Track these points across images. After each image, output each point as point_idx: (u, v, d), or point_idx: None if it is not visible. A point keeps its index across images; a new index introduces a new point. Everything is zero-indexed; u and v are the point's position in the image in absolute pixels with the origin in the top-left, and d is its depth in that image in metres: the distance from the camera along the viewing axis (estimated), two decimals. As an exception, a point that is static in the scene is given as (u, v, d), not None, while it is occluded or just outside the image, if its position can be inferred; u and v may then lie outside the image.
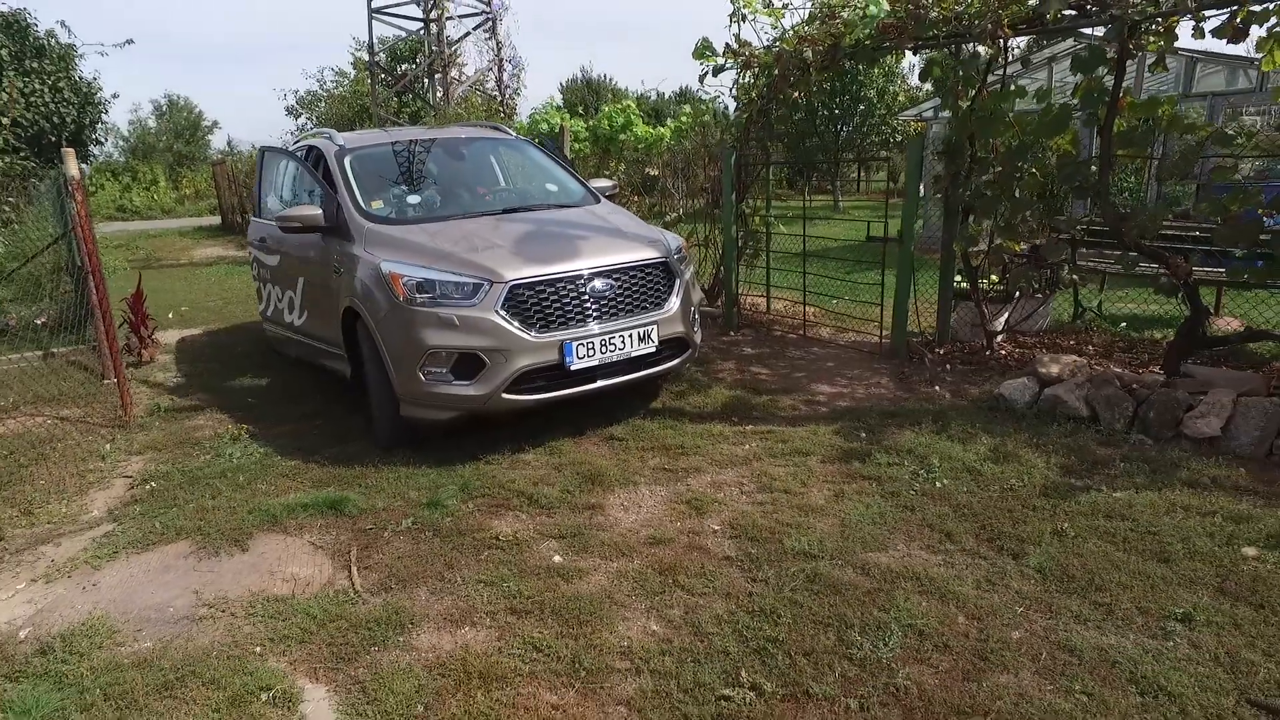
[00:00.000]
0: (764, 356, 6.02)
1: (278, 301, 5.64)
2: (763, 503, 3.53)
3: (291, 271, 5.34)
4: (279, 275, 5.56)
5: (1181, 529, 3.03)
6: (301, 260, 5.17)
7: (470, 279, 3.99)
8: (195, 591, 3.00)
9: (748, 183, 7.03)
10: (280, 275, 5.55)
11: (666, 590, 2.86)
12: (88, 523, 3.68)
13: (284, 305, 5.54)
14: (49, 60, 13.80)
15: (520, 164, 5.87)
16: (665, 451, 4.15)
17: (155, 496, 3.90)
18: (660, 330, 4.36)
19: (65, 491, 4.03)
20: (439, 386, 4.01)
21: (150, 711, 2.30)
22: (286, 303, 5.48)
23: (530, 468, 4.02)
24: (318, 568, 3.18)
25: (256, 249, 5.96)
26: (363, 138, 5.60)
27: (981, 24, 4.68)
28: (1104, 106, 4.76)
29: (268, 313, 5.82)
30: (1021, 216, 5.33)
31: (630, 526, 3.38)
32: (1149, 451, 3.83)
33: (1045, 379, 4.59)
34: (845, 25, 5.36)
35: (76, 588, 3.07)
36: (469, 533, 3.36)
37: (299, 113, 22.83)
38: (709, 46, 6.53)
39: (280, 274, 5.55)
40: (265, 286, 5.85)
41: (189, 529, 3.51)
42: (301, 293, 5.25)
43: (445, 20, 14.56)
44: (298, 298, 5.32)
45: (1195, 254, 5.11)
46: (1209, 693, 2.17)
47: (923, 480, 3.64)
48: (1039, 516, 3.22)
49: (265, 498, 3.83)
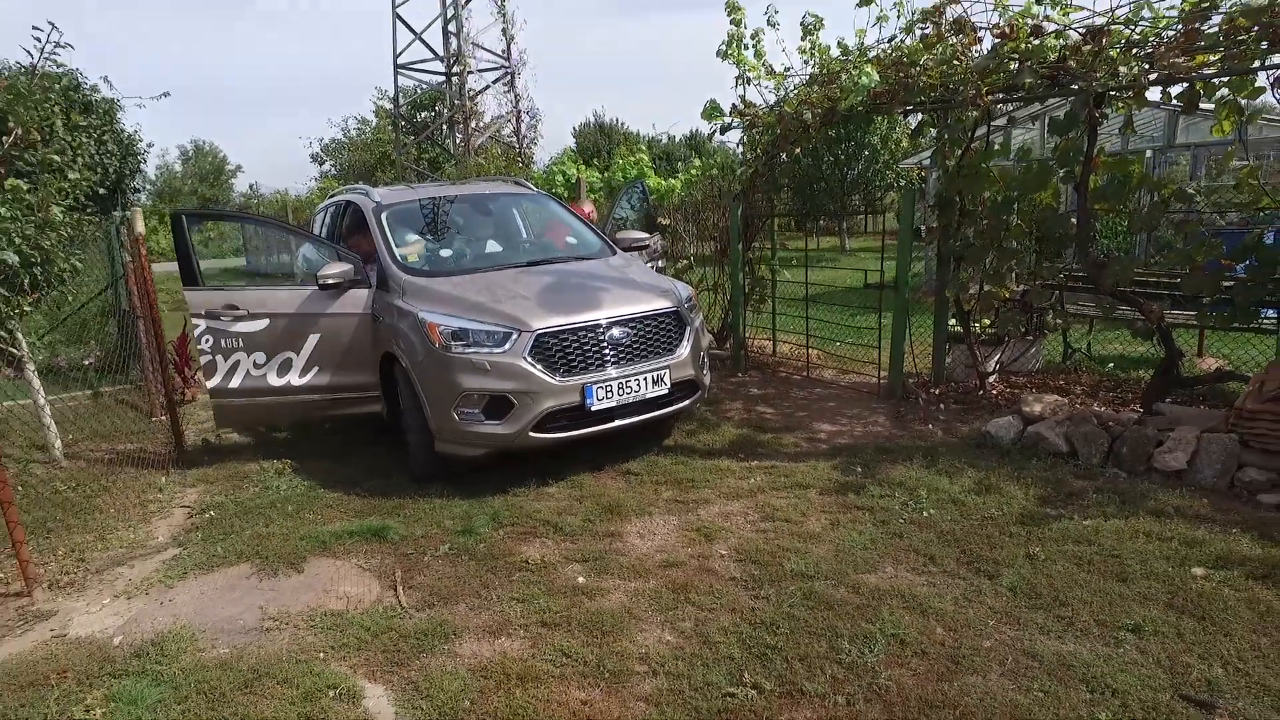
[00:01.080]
0: (769, 397, 6.41)
1: (255, 369, 5.17)
2: (765, 530, 3.89)
3: (295, 331, 5.15)
4: (268, 339, 5.13)
5: (1140, 552, 3.37)
6: (313, 317, 5.15)
7: (501, 328, 4.42)
8: (260, 607, 3.39)
9: (754, 232, 7.48)
10: (269, 339, 5.14)
11: (679, 606, 3.22)
12: (155, 547, 4.09)
13: (270, 369, 5.16)
14: (95, 115, 14.59)
15: (541, 217, 6.35)
16: (677, 485, 4.53)
17: (213, 524, 4.31)
18: (672, 374, 4.77)
19: (131, 520, 4.45)
20: (472, 425, 4.42)
21: (236, 704, 2.68)
22: (277, 366, 5.16)
23: (554, 499, 4.41)
24: (367, 587, 3.56)
25: (217, 321, 5.03)
26: (396, 194, 6.09)
27: (964, 91, 5.15)
28: (1079, 165, 5.21)
29: (232, 385, 5.09)
30: (1008, 265, 5.75)
31: (646, 552, 3.74)
32: (1121, 484, 4.17)
33: (1029, 417, 4.95)
34: (841, 90, 5.84)
35: (155, 603, 3.46)
36: (501, 557, 3.74)
37: (323, 159, 23.69)
38: (717, 108, 7.04)
39: (270, 337, 5.14)
40: (231, 356, 5.10)
41: (248, 553, 3.90)
42: (313, 349, 5.17)
43: (466, 74, 15.33)
44: (302, 356, 5.17)
45: (1167, 300, 5.48)
46: (1148, 689, 2.51)
47: (911, 510, 3.99)
48: (1014, 542, 3.57)
49: (314, 525, 4.23)
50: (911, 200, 6.06)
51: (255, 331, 5.09)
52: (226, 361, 5.06)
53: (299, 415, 5.61)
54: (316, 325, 5.14)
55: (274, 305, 5.12)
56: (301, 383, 5.19)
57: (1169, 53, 4.45)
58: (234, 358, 5.08)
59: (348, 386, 5.25)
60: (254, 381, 5.13)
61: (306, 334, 5.14)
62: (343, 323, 5.16)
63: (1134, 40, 4.71)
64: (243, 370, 5.10)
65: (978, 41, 5.39)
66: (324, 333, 5.15)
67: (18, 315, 4.89)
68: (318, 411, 5.49)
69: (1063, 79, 4.99)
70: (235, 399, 5.13)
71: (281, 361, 5.14)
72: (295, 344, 5.15)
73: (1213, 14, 4.33)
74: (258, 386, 5.14)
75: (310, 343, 5.15)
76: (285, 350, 5.15)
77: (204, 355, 5.04)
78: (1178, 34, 4.54)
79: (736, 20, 6.69)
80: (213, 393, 5.11)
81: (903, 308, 5.98)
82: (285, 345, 5.14)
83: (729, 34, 6.69)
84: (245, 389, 5.12)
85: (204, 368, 5.09)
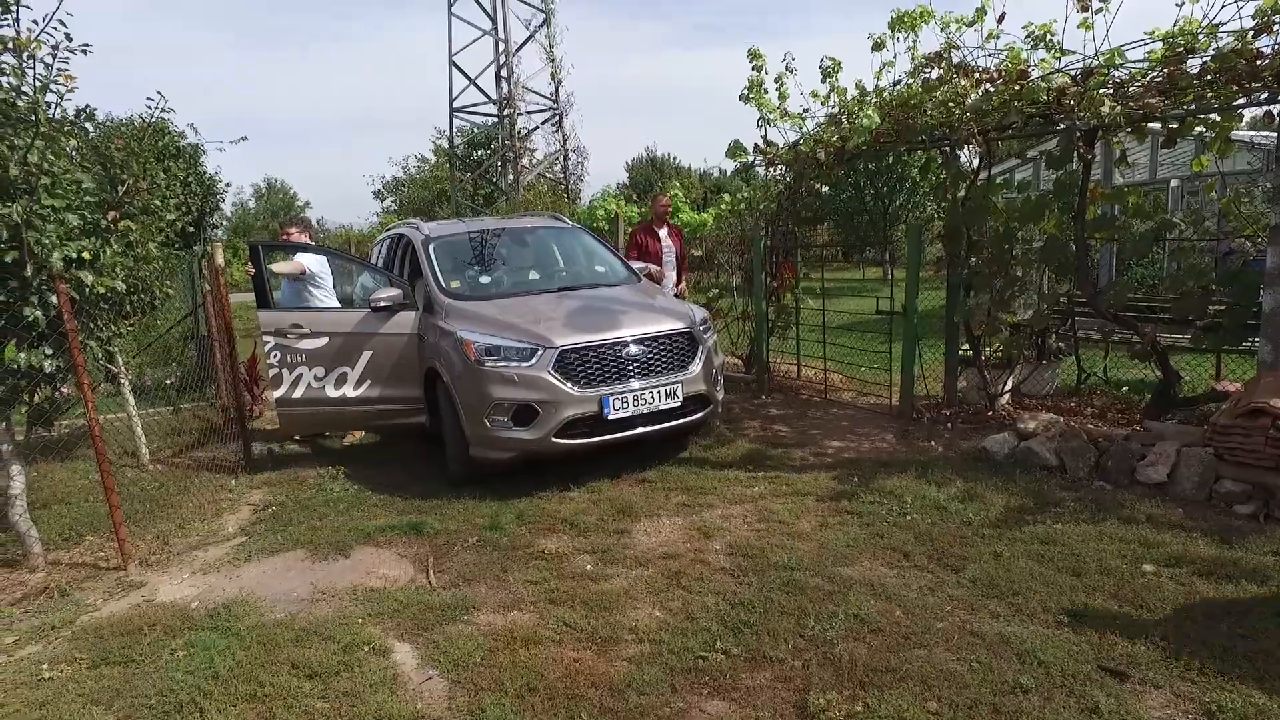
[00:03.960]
0: (787, 416, 6.78)
1: (315, 381, 5.75)
2: (759, 530, 4.27)
3: (351, 348, 5.73)
4: (327, 355, 5.71)
5: (1099, 552, 3.65)
6: (367, 335, 5.74)
7: (528, 344, 4.95)
8: (312, 583, 3.92)
9: (778, 263, 7.91)
10: (328, 355, 5.71)
11: (670, 589, 3.63)
12: (225, 536, 4.69)
13: (328, 382, 5.75)
14: (181, 160, 15.92)
15: (575, 248, 6.91)
16: (687, 491, 4.95)
17: (275, 518, 4.90)
18: (684, 389, 5.21)
19: (206, 514, 5.08)
20: (501, 431, 4.94)
21: (290, 650, 3.20)
22: (334, 379, 5.74)
23: (574, 502, 4.87)
24: (403, 570, 4.06)
25: (284, 338, 5.68)
26: (443, 228, 6.75)
27: (961, 130, 5.53)
28: (1076, 196, 5.52)
29: (295, 395, 5.69)
30: (1012, 291, 6.04)
31: (650, 546, 4.17)
32: (1104, 495, 4.43)
33: (1023, 433, 5.22)
34: (851, 131, 6.28)
35: (225, 579, 4.03)
36: (521, 548, 4.21)
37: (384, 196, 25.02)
38: (740, 147, 7.55)
39: (329, 354, 5.71)
40: (294, 370, 5.70)
41: (303, 541, 4.46)
42: (366, 364, 5.75)
43: (516, 116, 16.23)
44: (357, 370, 5.75)
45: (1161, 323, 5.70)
46: (1073, 662, 2.82)
47: (896, 514, 4.33)
48: (984, 541, 3.88)
49: (361, 521, 4.77)
50: (917, 235, 6.42)
51: (316, 348, 5.73)
52: (291, 374, 5.70)
53: (352, 424, 6.24)
54: (369, 343, 5.76)
55: (333, 325, 5.77)
56: (355, 394, 5.81)
57: (1147, 93, 4.77)
58: (297, 371, 5.71)
59: (396, 399, 5.86)
60: (314, 393, 5.76)
61: (361, 351, 5.76)
62: (392, 342, 5.78)
63: (1120, 81, 5.04)
64: (304, 383, 5.74)
65: (979, 85, 5.78)
66: (375, 350, 5.77)
67: (119, 338, 5.62)
68: (369, 421, 6.13)
69: (1057, 116, 5.33)
70: (298, 408, 5.78)
71: (338, 375, 5.77)
72: (350, 359, 5.77)
73: (1187, 60, 4.64)
74: (317, 397, 5.77)
75: (364, 359, 5.77)
76: (342, 365, 5.78)
77: (272, 369, 5.72)
78: (1159, 76, 4.87)
79: (758, 66, 7.22)
80: (278, 402, 5.76)
81: (911, 333, 6.30)
82: (342, 361, 5.77)
83: (749, 79, 7.21)
84: (306, 399, 5.76)
85: (271, 380, 5.77)
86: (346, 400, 5.81)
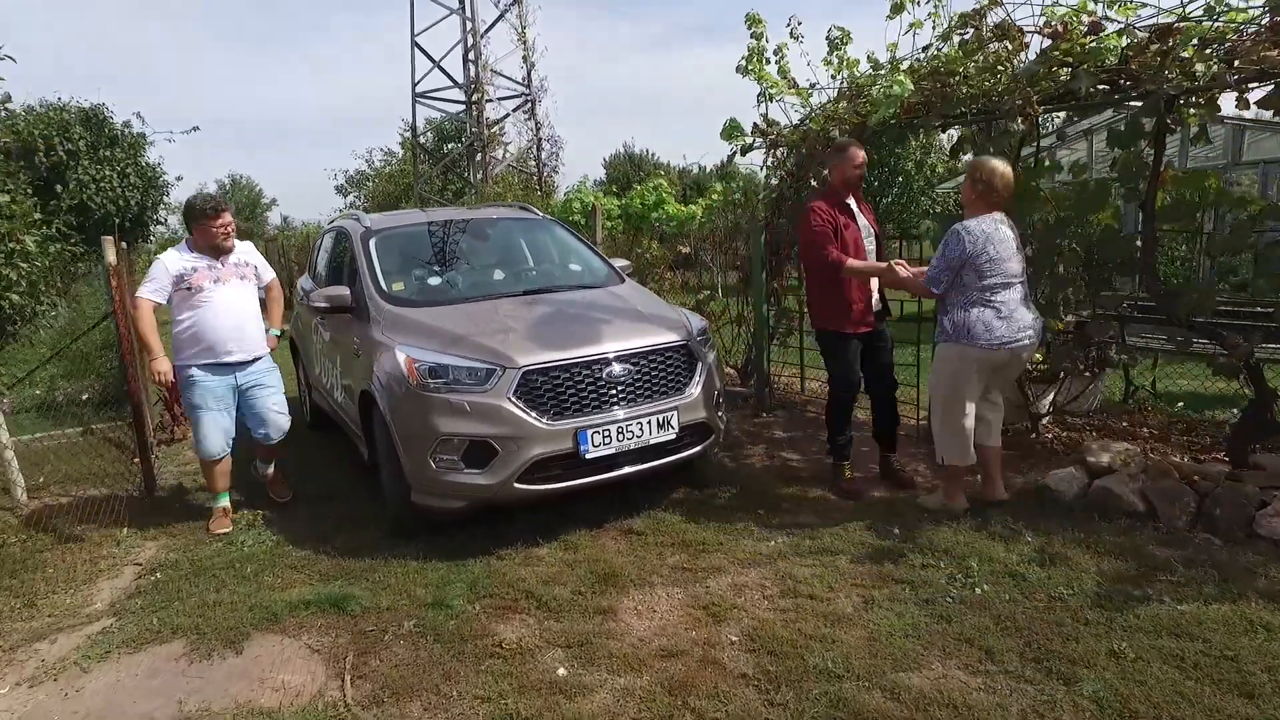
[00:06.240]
0: (796, 441, 5.79)
1: (327, 372, 5.52)
2: (785, 609, 3.27)
3: (334, 347, 5.24)
4: (330, 348, 5.36)
5: (1265, 654, 2.69)
6: (336, 338, 5.16)
7: (482, 364, 3.90)
8: (179, 701, 2.85)
9: (781, 261, 6.92)
10: (330, 348, 5.37)
11: (675, 714, 2.61)
12: (88, 616, 3.59)
13: (330, 377, 5.43)
14: (120, 149, 14.62)
15: (546, 244, 5.87)
16: (685, 548, 3.93)
17: (158, 589, 3.80)
18: (681, 416, 4.19)
19: (74, 580, 3.97)
20: (450, 475, 3.89)
21: None
22: (333, 376, 5.36)
23: (543, 564, 3.83)
24: (311, 675, 3.01)
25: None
26: (388, 219, 5.68)
27: (1010, 100, 4.57)
28: (1145, 181, 4.59)
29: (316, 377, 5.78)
30: (1063, 295, 5.10)
31: (642, 635, 3.15)
32: (1217, 554, 3.48)
33: (1095, 469, 4.28)
34: (871, 104, 5.30)
35: (59, 694, 2.94)
36: (472, 639, 3.17)
37: (348, 191, 23.75)
38: (737, 127, 6.52)
39: (330, 347, 5.37)
40: (320, 357, 5.69)
41: (186, 626, 3.38)
42: (340, 368, 5.15)
43: (485, 103, 15.11)
44: (336, 372, 5.24)
45: (1258, 332, 4.78)
46: None
47: (960, 586, 3.35)
48: (1093, 633, 2.91)
49: (269, 591, 3.70)
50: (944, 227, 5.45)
51: (328, 339, 5.39)
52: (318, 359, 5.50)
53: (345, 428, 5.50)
54: (339, 348, 5.09)
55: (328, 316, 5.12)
56: (338, 399, 5.22)
57: (1256, 47, 3.83)
58: (322, 360, 5.47)
59: (353, 417, 4.89)
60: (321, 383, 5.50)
61: (336, 354, 5.21)
62: (347, 353, 4.87)
63: (1207, 37, 4.10)
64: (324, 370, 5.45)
65: (1025, 47, 4.83)
66: (342, 355, 5.05)
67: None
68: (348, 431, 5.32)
69: (1125, 83, 4.39)
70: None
71: (333, 374, 5.30)
72: (334, 359, 5.27)
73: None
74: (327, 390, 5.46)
75: (338, 361, 5.18)
76: (331, 363, 5.34)
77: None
78: (1261, 28, 3.93)
79: (758, 34, 6.20)
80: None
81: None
82: (331, 358, 5.34)
83: (749, 48, 6.19)
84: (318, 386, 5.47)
85: None
86: (336, 402, 5.33)
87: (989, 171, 3.98)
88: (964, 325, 3.92)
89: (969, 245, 3.87)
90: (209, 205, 4.47)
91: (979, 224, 3.93)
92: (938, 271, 3.98)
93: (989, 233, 3.91)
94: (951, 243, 3.92)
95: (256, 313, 4.70)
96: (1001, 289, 3.93)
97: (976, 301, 3.92)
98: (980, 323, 3.89)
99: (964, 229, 3.92)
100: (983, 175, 3.99)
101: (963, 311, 3.94)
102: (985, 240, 3.88)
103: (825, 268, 4.45)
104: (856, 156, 4.57)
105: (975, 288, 3.92)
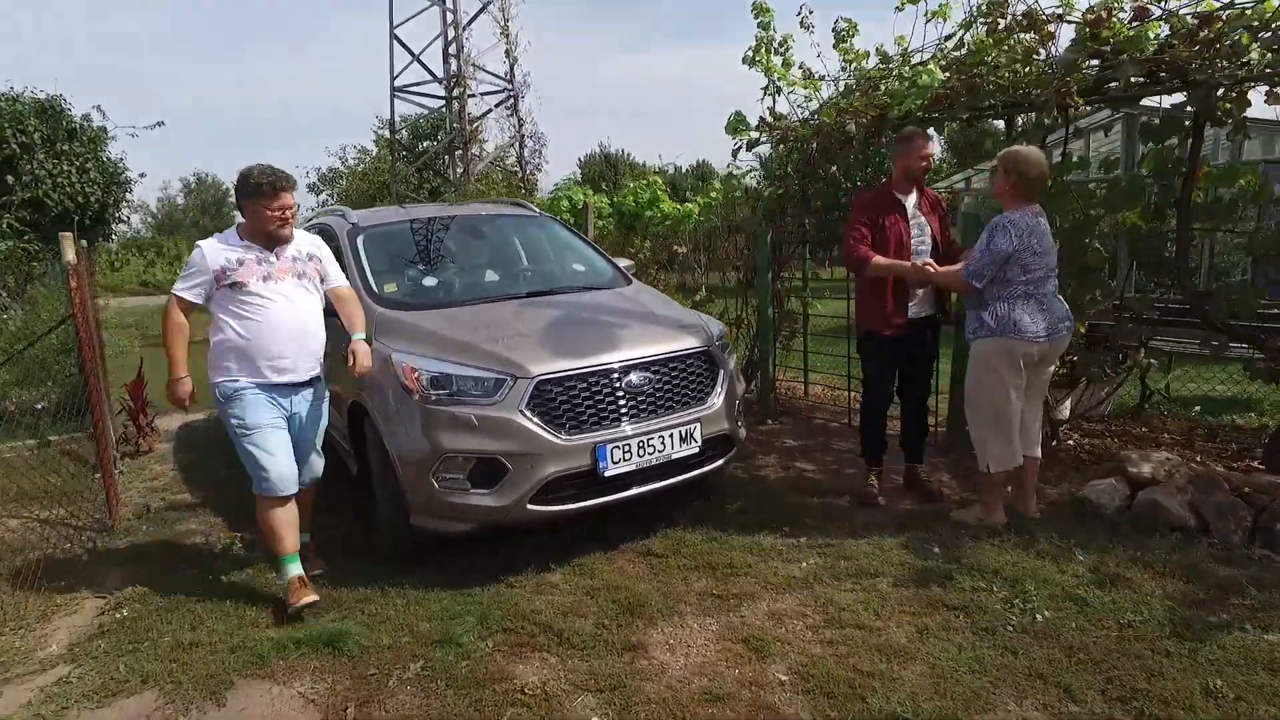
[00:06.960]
0: (808, 450, 5.51)
1: None
2: (833, 641, 2.97)
3: None
4: None
5: (1369, 691, 2.45)
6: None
7: (492, 374, 3.55)
8: (155, 767, 2.48)
9: (783, 260, 6.65)
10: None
11: (732, 773, 2.30)
12: (41, 662, 3.17)
13: None
14: (79, 143, 13.94)
15: (545, 243, 5.52)
16: (711, 571, 3.62)
17: (125, 628, 3.38)
18: (704, 428, 3.88)
19: (25, 619, 3.54)
20: (455, 495, 3.53)
21: None
22: None
23: (559, 592, 3.50)
24: (306, 730, 2.65)
25: None
26: (378, 215, 5.30)
27: (1046, 93, 4.33)
28: (1180, 178, 4.39)
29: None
30: (1091, 296, 4.89)
31: (679, 675, 2.83)
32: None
33: (1137, 480, 4.06)
34: (892, 96, 5.04)
35: (14, 760, 2.55)
36: (488, 683, 2.82)
37: (320, 189, 23.12)
38: (743, 120, 6.22)
39: None
40: None
41: (158, 674, 2.99)
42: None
43: (467, 98, 14.69)
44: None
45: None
46: None
47: (1019, 612, 3.08)
48: (1177, 667, 2.65)
49: (253, 629, 3.32)
50: (974, 229, 5.21)
51: None
52: None
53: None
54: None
55: None
56: None
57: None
58: None
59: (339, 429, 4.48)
60: None
61: None
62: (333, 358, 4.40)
63: (1253, 25, 3.89)
64: None
65: (1052, 37, 4.61)
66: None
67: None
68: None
69: (1164, 74, 4.17)
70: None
71: None
72: None
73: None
74: None
75: None
76: None
77: None
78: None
79: (765, 24, 5.92)
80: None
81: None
82: None
83: (756, 38, 5.91)
84: None
85: None
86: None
87: (1023, 162, 3.75)
88: (1008, 318, 3.72)
89: (1015, 239, 3.65)
90: (266, 179, 3.35)
91: (1022, 217, 3.71)
92: (982, 265, 3.73)
93: (1031, 225, 3.71)
94: (998, 237, 3.68)
95: (318, 321, 3.63)
96: (1044, 281, 3.75)
97: (1021, 295, 3.73)
98: (1026, 314, 3.72)
99: (1009, 222, 3.68)
100: (1016, 166, 3.76)
101: (1006, 305, 3.74)
102: (1029, 233, 3.68)
103: (855, 265, 4.21)
104: (922, 148, 4.28)
105: (1019, 281, 3.72)
